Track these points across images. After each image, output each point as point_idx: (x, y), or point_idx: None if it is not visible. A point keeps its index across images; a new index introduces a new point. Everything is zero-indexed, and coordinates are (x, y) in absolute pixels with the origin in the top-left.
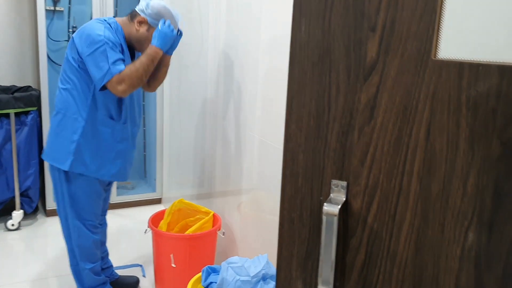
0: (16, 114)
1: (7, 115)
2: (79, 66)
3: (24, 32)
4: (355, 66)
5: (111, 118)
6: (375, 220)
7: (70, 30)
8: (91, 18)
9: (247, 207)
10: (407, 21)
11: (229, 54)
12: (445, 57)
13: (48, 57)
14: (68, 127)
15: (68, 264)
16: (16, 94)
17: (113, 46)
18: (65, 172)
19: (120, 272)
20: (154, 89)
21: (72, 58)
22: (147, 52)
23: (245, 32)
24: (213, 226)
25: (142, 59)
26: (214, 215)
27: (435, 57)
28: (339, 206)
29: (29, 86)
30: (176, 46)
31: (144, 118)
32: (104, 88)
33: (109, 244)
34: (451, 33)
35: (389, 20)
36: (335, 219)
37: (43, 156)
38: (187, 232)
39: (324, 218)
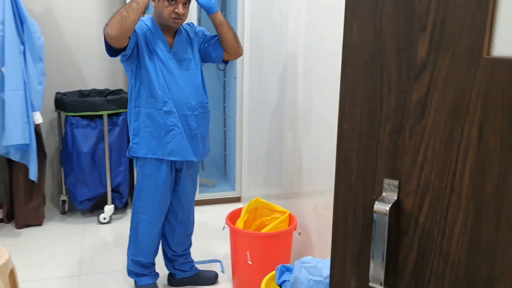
0: (109, 116)
1: (100, 117)
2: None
3: None
4: (406, 66)
5: (154, 97)
6: (427, 219)
7: None
8: None
9: (324, 208)
10: (458, 19)
11: (308, 55)
12: (497, 55)
13: None
14: (130, 117)
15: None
16: (108, 97)
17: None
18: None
19: (200, 267)
20: (232, 53)
21: None
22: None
23: (325, 33)
24: (289, 226)
25: (122, 9)
26: (290, 215)
27: (487, 55)
28: (390, 205)
29: (121, 89)
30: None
31: (224, 118)
32: (115, 53)
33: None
34: (504, 30)
35: (439, 19)
36: (386, 218)
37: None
38: (263, 231)
39: (375, 216)
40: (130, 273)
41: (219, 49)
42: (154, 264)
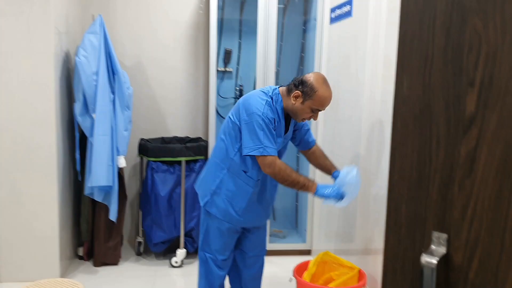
0: (187, 162)
1: (179, 163)
2: (235, 125)
3: (198, 90)
4: (455, 120)
5: (246, 173)
6: (477, 276)
7: (237, 88)
8: (255, 80)
9: None
10: (506, 75)
11: (384, 109)
12: None
13: (217, 112)
14: (213, 171)
15: None
16: (188, 144)
17: (268, 122)
18: (204, 207)
19: None
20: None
21: (234, 116)
22: (306, 184)
23: None
24: (358, 282)
25: (299, 180)
26: (360, 271)
27: None
28: (438, 258)
29: (200, 138)
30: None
31: (297, 169)
32: (247, 155)
33: None
34: None
35: (487, 75)
36: (433, 271)
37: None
38: (330, 285)
39: (423, 269)
40: None
41: (305, 144)
42: None
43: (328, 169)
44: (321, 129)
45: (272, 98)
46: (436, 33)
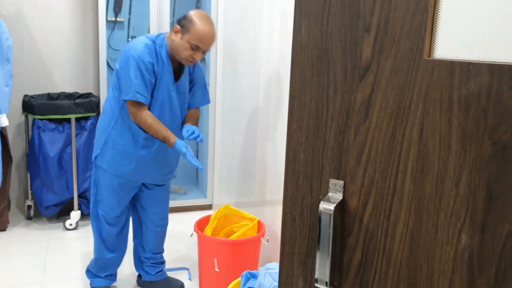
0: (77, 119)
1: (68, 120)
2: (117, 73)
3: (87, 41)
4: (351, 66)
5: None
6: (371, 219)
7: (129, 39)
8: (148, 31)
9: None
10: (400, 21)
11: (281, 62)
12: (437, 57)
13: (108, 65)
14: (104, 124)
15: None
16: (77, 100)
17: (144, 67)
18: (95, 161)
19: (168, 275)
20: None
21: (117, 64)
22: (166, 138)
23: None
24: (257, 233)
25: (158, 133)
26: (259, 222)
27: (428, 57)
28: (335, 205)
29: (90, 93)
30: None
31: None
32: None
33: None
34: (443, 32)
35: (383, 21)
36: (331, 217)
37: None
38: (231, 238)
39: (320, 216)
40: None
41: (192, 101)
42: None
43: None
44: (220, 84)
45: (155, 43)
46: None
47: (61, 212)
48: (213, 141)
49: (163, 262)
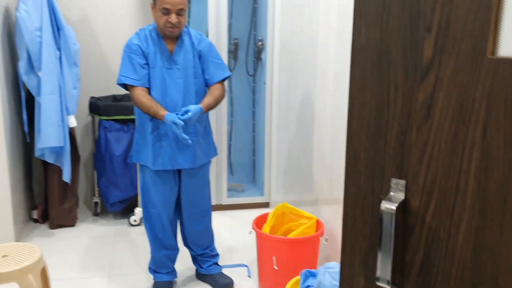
0: None
1: (133, 120)
2: None
3: None
4: (412, 66)
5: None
6: (433, 219)
7: None
8: (207, 33)
9: None
10: (462, 20)
11: (338, 62)
12: (501, 55)
13: None
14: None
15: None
16: None
17: (130, 50)
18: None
19: (227, 271)
20: None
21: None
22: (156, 110)
23: None
24: (316, 232)
25: (149, 109)
26: (317, 221)
27: (491, 55)
28: (397, 204)
29: None
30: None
31: (253, 123)
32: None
33: (218, 244)
34: (507, 30)
35: (444, 20)
36: (393, 217)
37: None
38: (289, 236)
39: (382, 215)
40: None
41: (208, 76)
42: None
43: None
44: (276, 83)
45: (149, 29)
46: None
47: (126, 209)
48: (269, 139)
49: (214, 256)
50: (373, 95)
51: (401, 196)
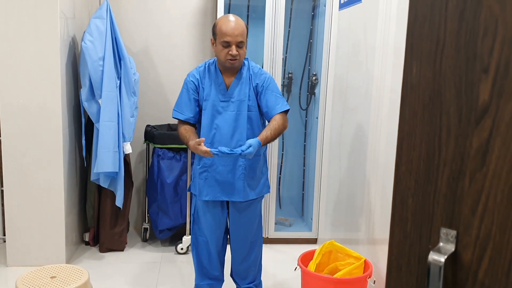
0: None
1: (185, 149)
2: None
3: None
4: (467, 109)
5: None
6: (487, 275)
7: None
8: (262, 67)
9: None
10: None
11: (394, 99)
12: None
13: None
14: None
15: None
16: None
17: (185, 85)
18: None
19: None
20: None
21: None
22: (187, 140)
23: None
24: (363, 273)
25: (183, 137)
26: (365, 262)
27: None
28: (446, 256)
29: None
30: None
31: (304, 157)
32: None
33: (262, 278)
34: None
35: (503, 61)
36: (441, 270)
37: None
38: (336, 275)
39: (430, 267)
40: None
41: (266, 109)
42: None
43: None
44: (328, 118)
45: (209, 62)
46: (448, 16)
47: (174, 236)
48: (319, 174)
49: None
50: (423, 138)
51: (451, 247)
